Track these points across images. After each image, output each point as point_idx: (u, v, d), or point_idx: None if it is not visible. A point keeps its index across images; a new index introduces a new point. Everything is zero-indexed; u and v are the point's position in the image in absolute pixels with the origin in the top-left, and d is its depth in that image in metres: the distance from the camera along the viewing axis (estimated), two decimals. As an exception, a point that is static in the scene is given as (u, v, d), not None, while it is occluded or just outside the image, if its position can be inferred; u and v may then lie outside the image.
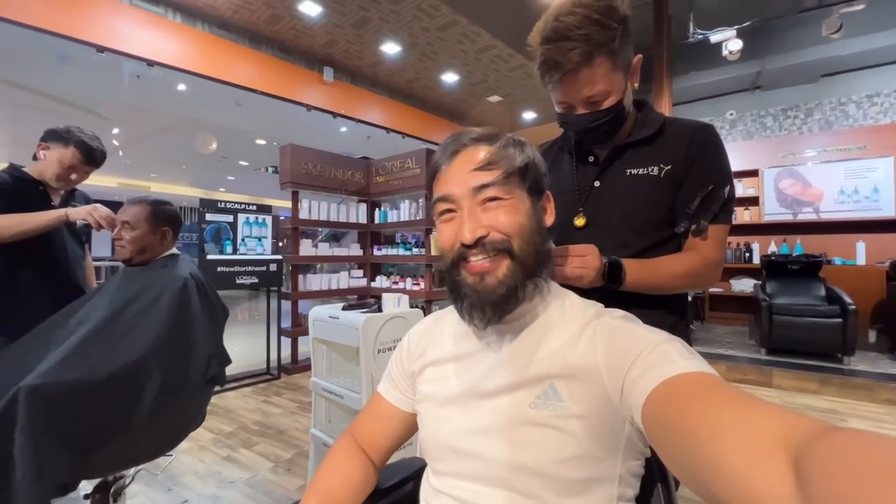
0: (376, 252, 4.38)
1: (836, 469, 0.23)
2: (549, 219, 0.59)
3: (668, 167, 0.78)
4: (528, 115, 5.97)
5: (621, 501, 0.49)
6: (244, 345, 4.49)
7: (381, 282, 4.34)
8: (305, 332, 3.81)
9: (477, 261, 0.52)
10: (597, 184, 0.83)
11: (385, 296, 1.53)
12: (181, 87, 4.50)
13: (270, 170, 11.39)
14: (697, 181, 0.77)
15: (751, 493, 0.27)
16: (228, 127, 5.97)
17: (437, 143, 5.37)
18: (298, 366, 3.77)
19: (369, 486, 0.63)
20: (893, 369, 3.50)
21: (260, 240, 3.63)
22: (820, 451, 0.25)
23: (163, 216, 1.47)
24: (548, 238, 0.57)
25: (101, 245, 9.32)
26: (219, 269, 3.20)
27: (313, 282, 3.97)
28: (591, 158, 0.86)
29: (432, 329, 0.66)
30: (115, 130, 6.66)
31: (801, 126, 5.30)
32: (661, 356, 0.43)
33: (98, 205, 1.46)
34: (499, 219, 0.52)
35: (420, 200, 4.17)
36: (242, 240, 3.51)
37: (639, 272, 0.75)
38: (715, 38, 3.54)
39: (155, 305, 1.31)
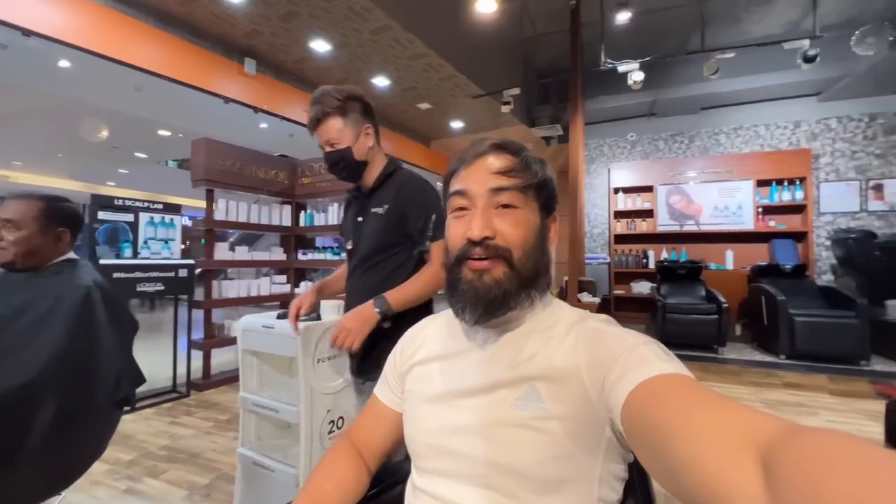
0: (301, 257, 4.17)
1: (803, 468, 0.23)
2: (554, 239, 0.61)
3: (388, 206, 1.15)
4: (456, 125, 6.15)
5: (601, 503, 0.50)
6: (142, 361, 3.96)
7: (306, 287, 4.13)
8: (220, 344, 3.52)
9: (478, 258, 0.54)
10: (360, 219, 1.20)
11: (323, 303, 1.47)
12: (63, 63, 3.88)
13: (171, 164, 10.26)
14: (416, 216, 1.14)
15: (722, 491, 0.28)
16: (124, 113, 5.25)
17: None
18: (211, 381, 3.44)
19: (362, 489, 0.63)
20: (755, 357, 4.23)
21: (167, 242, 3.25)
22: (789, 450, 0.25)
23: (58, 214, 1.27)
24: (549, 254, 0.59)
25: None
26: (115, 275, 2.79)
27: (230, 288, 3.65)
28: (360, 199, 1.23)
29: (425, 331, 0.68)
30: (-34, 107, 5.49)
31: (686, 150, 6.16)
32: (639, 359, 0.44)
33: None
34: (507, 228, 0.54)
35: (350, 204, 4.07)
36: (145, 242, 3.11)
37: (397, 294, 1.09)
38: (622, 68, 3.99)
39: (49, 319, 1.13)
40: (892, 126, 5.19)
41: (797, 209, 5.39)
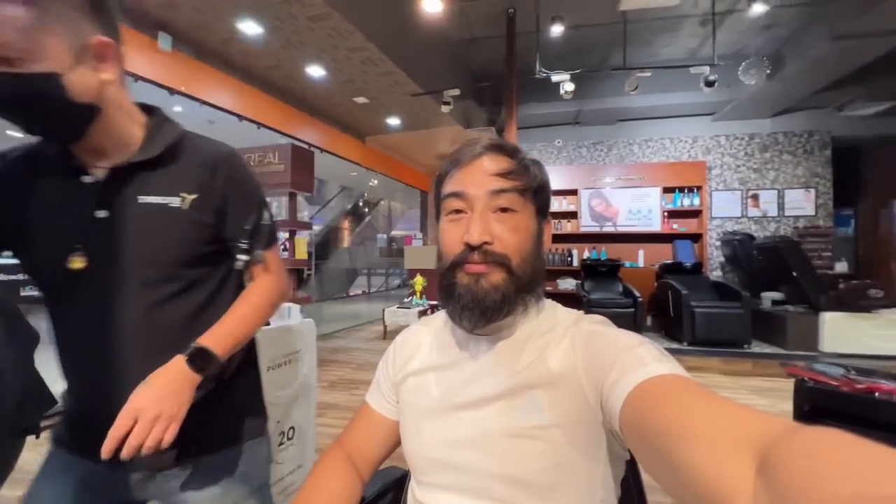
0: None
1: (802, 466, 0.24)
2: (547, 243, 0.60)
3: (195, 196, 0.68)
4: (393, 121, 6.07)
5: (604, 500, 0.50)
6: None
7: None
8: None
9: (475, 263, 0.52)
10: (101, 214, 0.64)
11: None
12: None
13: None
14: (242, 212, 0.73)
15: (723, 492, 0.28)
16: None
17: (297, 138, 5.00)
18: (118, 397, 3.02)
19: (356, 499, 0.61)
20: (663, 344, 4.73)
21: (60, 239, 2.78)
22: (787, 449, 0.26)
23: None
24: (544, 260, 0.58)
25: None
26: (-9, 277, 2.33)
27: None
28: (86, 178, 0.65)
29: (417, 337, 0.65)
30: None
31: (605, 158, 6.73)
32: (636, 360, 0.44)
33: None
34: (507, 234, 0.53)
35: (283, 199, 3.81)
36: (31, 238, 2.63)
37: (223, 336, 0.68)
38: (556, 78, 4.24)
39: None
40: (765, 145, 6.16)
41: (694, 214, 6.16)
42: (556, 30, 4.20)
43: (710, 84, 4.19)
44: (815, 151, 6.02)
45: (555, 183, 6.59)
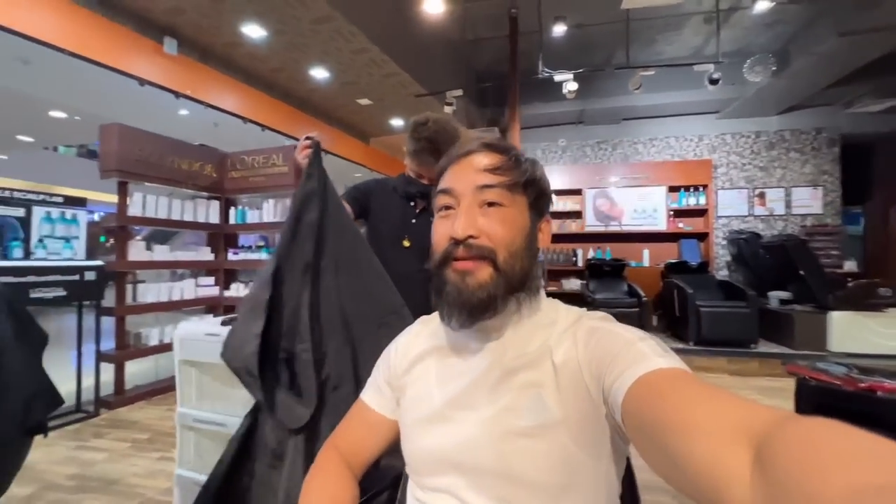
0: (232, 256, 3.86)
1: (795, 455, 0.24)
2: (544, 241, 0.59)
3: None
4: (396, 122, 6.09)
5: (609, 497, 0.50)
6: (33, 378, 3.41)
7: (237, 290, 3.85)
8: (136, 355, 3.15)
9: (461, 259, 0.52)
10: (413, 221, 1.38)
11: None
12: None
13: (64, 150, 9.01)
14: None
15: (717, 480, 0.29)
16: (5, 89, 4.46)
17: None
18: (126, 397, 3.06)
19: (355, 502, 0.60)
20: (669, 344, 4.71)
21: (68, 241, 2.83)
22: (782, 438, 0.26)
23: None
24: (536, 257, 0.57)
25: None
26: (1, 279, 2.37)
27: (148, 293, 3.27)
28: (412, 203, 1.39)
29: (418, 338, 0.64)
30: None
31: (609, 157, 6.70)
32: (638, 355, 0.43)
33: None
34: (493, 227, 0.52)
35: (287, 201, 3.83)
36: (40, 241, 2.68)
37: None
38: (558, 77, 4.23)
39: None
40: (771, 143, 6.10)
41: (700, 212, 6.11)
42: (559, 29, 4.19)
43: (713, 82, 4.15)
44: (822, 149, 5.95)
45: (559, 183, 6.58)
